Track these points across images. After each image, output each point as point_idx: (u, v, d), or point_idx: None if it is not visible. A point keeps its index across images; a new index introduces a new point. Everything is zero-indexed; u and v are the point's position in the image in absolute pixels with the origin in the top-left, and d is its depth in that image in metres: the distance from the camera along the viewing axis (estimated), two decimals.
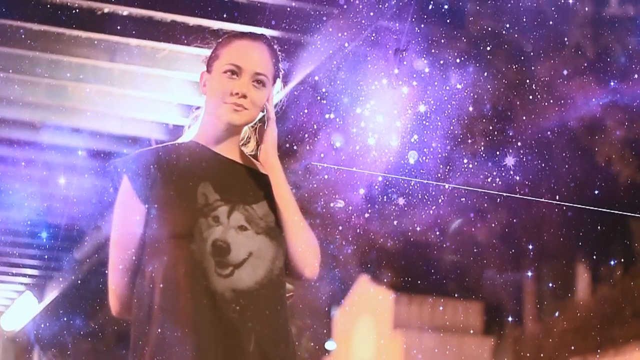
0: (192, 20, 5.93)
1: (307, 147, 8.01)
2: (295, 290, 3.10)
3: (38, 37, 6.32)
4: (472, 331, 17.02)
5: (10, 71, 6.70)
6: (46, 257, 11.51)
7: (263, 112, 3.00)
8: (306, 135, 7.58)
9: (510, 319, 17.09)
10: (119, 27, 6.11)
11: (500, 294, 16.72)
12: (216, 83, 2.96)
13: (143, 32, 6.18)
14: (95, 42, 6.37)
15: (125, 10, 6.01)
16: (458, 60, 9.09)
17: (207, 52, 3.08)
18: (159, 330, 2.79)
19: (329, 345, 18.15)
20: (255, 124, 3.01)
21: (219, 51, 3.00)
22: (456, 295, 16.98)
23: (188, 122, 3.23)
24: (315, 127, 7.32)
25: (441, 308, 16.99)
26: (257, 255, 2.88)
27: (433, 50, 8.24)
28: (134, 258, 2.90)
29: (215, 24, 5.85)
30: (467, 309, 17.20)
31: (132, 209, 2.90)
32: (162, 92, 6.96)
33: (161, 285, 2.82)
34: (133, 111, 7.38)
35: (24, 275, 12.81)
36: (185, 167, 2.93)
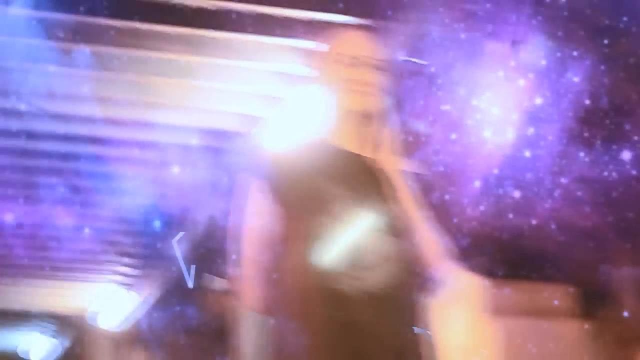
0: (280, 12, 5.83)
1: (423, 139, 8.00)
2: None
3: (123, 34, 6.37)
4: (570, 316, 16.76)
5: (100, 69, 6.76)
6: (143, 254, 11.64)
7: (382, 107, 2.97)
8: (422, 127, 7.56)
9: (608, 304, 16.78)
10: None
11: (599, 280, 16.44)
12: (335, 77, 2.95)
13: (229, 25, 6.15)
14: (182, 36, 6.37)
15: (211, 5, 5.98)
16: (575, 53, 8.98)
17: (290, 42, 3.06)
18: (285, 328, 2.80)
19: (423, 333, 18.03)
20: (378, 117, 2.96)
21: (329, 47, 2.98)
22: (554, 280, 16.72)
23: (280, 115, 3.22)
24: (431, 118, 7.30)
25: (544, 294, 16.77)
26: (389, 258, 2.86)
27: (550, 43, 8.14)
28: (264, 254, 2.90)
29: (311, 15, 5.72)
30: (565, 294, 16.96)
31: (262, 206, 2.90)
32: (247, 84, 6.94)
33: (291, 284, 2.82)
34: (218, 104, 7.38)
35: (123, 274, 12.97)
36: (316, 166, 2.90)
